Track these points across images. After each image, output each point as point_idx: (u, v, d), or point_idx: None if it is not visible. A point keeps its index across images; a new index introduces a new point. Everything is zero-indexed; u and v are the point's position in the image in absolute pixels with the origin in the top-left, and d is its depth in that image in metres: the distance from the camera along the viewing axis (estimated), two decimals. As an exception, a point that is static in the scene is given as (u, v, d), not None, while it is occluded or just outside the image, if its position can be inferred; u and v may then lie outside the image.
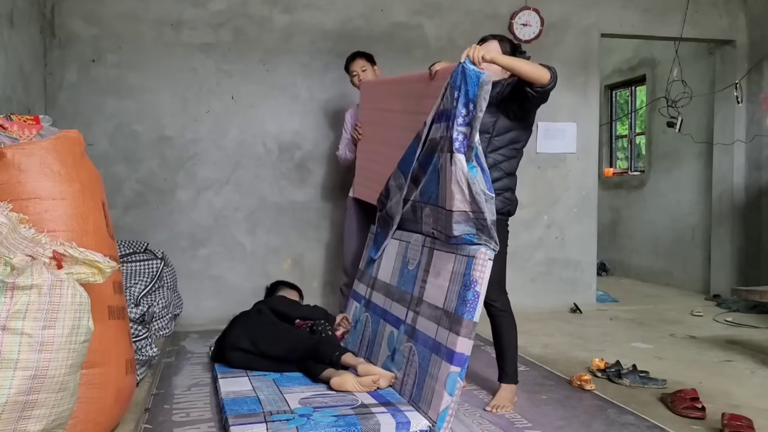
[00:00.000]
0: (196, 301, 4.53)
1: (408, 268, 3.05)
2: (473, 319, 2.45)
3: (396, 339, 2.97)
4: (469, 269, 2.51)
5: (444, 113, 2.73)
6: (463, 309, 2.47)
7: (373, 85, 3.89)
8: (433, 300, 2.71)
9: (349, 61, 4.10)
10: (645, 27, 5.38)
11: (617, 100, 7.73)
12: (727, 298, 5.40)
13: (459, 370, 2.43)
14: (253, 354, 3.15)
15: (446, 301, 2.61)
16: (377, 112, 3.67)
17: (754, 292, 3.84)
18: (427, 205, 2.90)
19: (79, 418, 2.01)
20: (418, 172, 2.99)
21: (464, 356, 2.44)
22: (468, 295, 2.47)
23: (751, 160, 5.63)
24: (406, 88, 3.29)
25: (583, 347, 3.97)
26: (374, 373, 2.82)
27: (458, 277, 2.58)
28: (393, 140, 3.29)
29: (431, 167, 2.85)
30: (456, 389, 2.42)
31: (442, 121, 2.73)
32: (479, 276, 2.48)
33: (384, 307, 3.22)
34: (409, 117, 3.13)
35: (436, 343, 2.59)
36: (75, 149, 2.29)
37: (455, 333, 2.47)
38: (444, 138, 2.70)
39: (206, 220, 4.64)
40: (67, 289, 1.81)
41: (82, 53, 4.42)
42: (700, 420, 2.68)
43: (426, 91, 2.93)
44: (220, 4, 4.60)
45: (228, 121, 4.65)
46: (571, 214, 5.25)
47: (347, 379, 2.80)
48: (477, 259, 2.50)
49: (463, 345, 2.44)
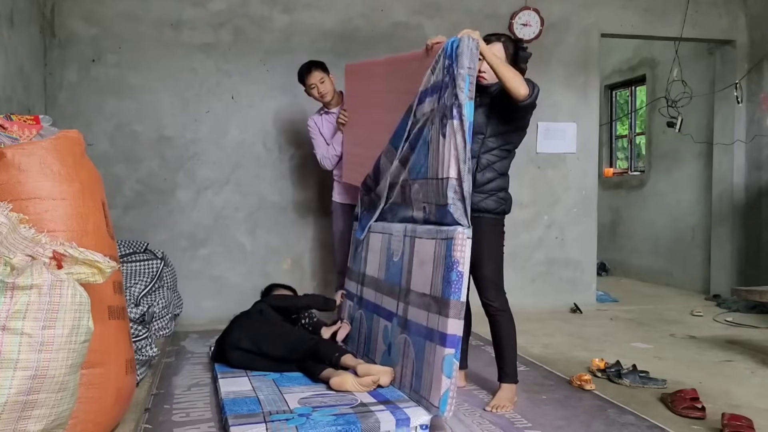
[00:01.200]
0: (196, 301, 4.53)
1: (393, 260, 3.06)
2: (460, 299, 2.49)
3: (390, 332, 2.98)
4: (450, 250, 2.54)
5: (435, 86, 2.76)
6: (449, 290, 2.49)
7: (359, 67, 3.80)
8: (420, 288, 2.73)
9: (305, 74, 3.92)
10: (645, 27, 5.38)
11: (617, 100, 7.73)
12: (727, 298, 5.40)
13: (453, 351, 2.46)
14: (253, 354, 3.16)
15: (432, 286, 2.63)
16: (364, 95, 3.61)
17: (754, 292, 3.84)
18: (416, 182, 2.90)
19: (79, 418, 2.01)
20: (407, 153, 2.99)
21: (456, 337, 2.48)
22: (452, 276, 2.50)
23: (751, 160, 5.62)
24: (394, 68, 3.26)
25: (583, 347, 3.97)
26: (374, 373, 2.82)
27: (440, 261, 2.60)
28: (381, 122, 3.28)
29: (420, 142, 2.87)
30: (453, 371, 2.45)
31: (434, 94, 2.76)
32: (460, 256, 2.51)
33: (375, 302, 3.23)
34: (398, 97, 3.12)
35: (428, 330, 2.61)
36: (75, 149, 2.29)
37: (444, 316, 2.50)
38: (435, 110, 2.73)
39: (206, 220, 4.64)
40: (67, 289, 1.81)
41: (82, 53, 4.42)
42: (700, 420, 2.68)
43: (418, 70, 2.92)
44: (220, 4, 4.60)
45: (228, 121, 4.65)
46: (571, 214, 5.25)
47: (347, 380, 2.80)
48: (455, 240, 2.53)
49: (454, 326, 2.47)
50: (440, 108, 2.69)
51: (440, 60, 2.72)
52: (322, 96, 3.94)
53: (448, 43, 2.67)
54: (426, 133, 2.82)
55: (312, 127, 4.09)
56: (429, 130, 2.79)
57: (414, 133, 2.94)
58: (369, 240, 3.44)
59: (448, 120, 2.61)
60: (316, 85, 3.91)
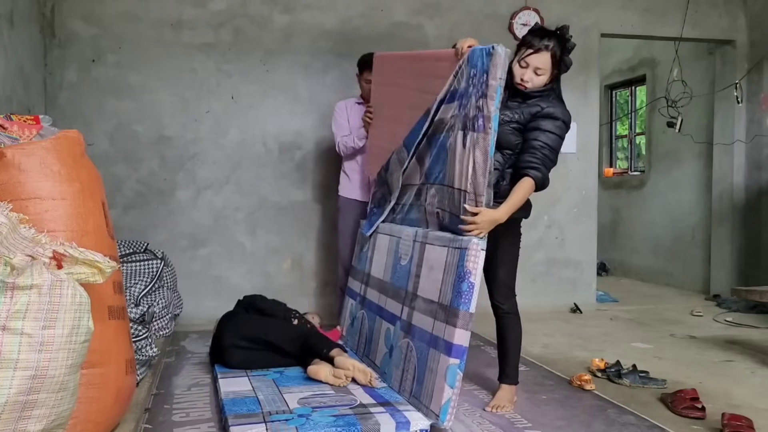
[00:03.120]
0: (196, 301, 4.53)
1: (401, 263, 3.04)
2: (469, 310, 2.45)
3: (393, 335, 2.97)
4: (463, 260, 2.50)
5: (456, 93, 2.71)
6: (459, 301, 2.46)
7: (387, 59, 3.70)
8: (428, 294, 2.71)
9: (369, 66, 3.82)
10: (645, 27, 5.38)
11: (617, 100, 7.73)
12: (727, 298, 5.40)
13: (458, 361, 2.44)
14: (254, 350, 3.17)
15: (441, 294, 2.60)
16: (388, 87, 3.55)
17: (754, 292, 3.84)
18: (433, 186, 2.87)
19: (79, 418, 2.01)
20: (424, 151, 2.96)
21: (462, 347, 2.44)
22: (463, 286, 2.47)
23: (751, 160, 5.62)
24: (422, 65, 3.19)
25: (583, 347, 3.97)
26: (347, 367, 2.86)
27: (452, 269, 2.57)
28: (401, 118, 3.25)
29: (438, 146, 2.84)
30: (456, 381, 2.43)
31: (455, 101, 2.72)
32: (473, 267, 2.48)
33: (379, 303, 3.22)
34: (419, 95, 3.08)
35: (433, 337, 2.58)
36: (75, 149, 2.29)
37: (452, 325, 2.47)
38: (456, 117, 2.68)
39: (206, 220, 4.64)
40: (67, 289, 1.81)
41: (82, 53, 4.42)
42: (700, 420, 2.68)
43: (443, 72, 2.85)
44: (220, 4, 4.60)
45: (228, 121, 4.65)
46: (571, 214, 5.25)
47: (321, 369, 2.88)
48: (469, 251, 2.50)
49: (461, 337, 2.44)
50: (461, 117, 2.64)
51: (464, 67, 2.66)
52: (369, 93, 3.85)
53: (475, 51, 2.60)
54: (445, 140, 2.78)
55: (340, 109, 4.02)
56: (448, 137, 2.75)
57: (431, 137, 2.91)
58: (376, 240, 3.42)
59: (470, 132, 2.55)
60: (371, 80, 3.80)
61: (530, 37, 2.66)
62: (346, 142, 3.94)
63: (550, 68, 2.66)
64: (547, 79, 2.69)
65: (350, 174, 4.03)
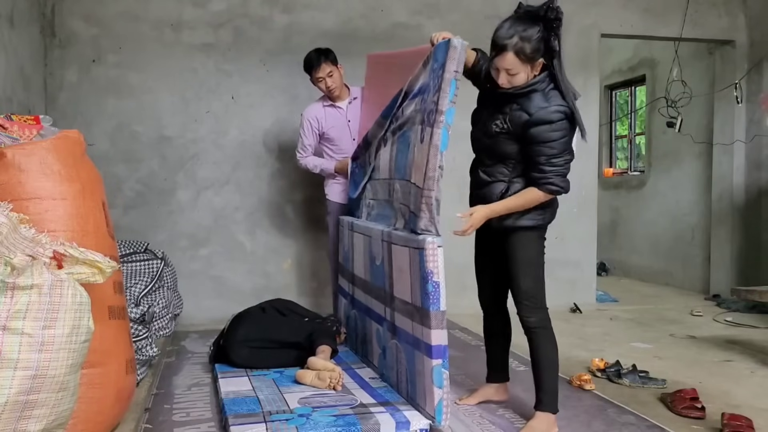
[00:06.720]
0: (196, 301, 4.53)
1: (375, 263, 3.01)
2: (440, 309, 2.40)
3: (382, 336, 2.98)
4: (423, 261, 2.42)
5: (420, 88, 2.70)
6: (428, 301, 2.41)
7: (379, 57, 3.63)
8: (402, 295, 2.67)
9: (313, 66, 3.72)
10: (645, 27, 5.38)
11: (617, 100, 7.73)
12: (727, 298, 5.40)
13: (441, 361, 2.41)
14: (261, 348, 3.19)
15: (412, 295, 2.56)
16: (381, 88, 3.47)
17: (754, 292, 3.84)
18: (398, 181, 2.86)
19: (80, 418, 2.01)
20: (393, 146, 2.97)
21: (442, 347, 2.41)
22: (428, 287, 2.40)
23: (751, 160, 5.62)
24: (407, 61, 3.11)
25: (583, 347, 3.97)
26: (319, 368, 2.91)
27: (416, 271, 2.50)
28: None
29: (402, 141, 2.84)
30: (444, 381, 2.41)
31: (418, 95, 2.71)
32: (433, 266, 2.40)
33: (366, 303, 3.21)
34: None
35: (415, 339, 2.56)
36: (75, 149, 2.29)
37: (427, 327, 2.43)
38: (417, 111, 2.68)
39: (206, 220, 4.64)
40: (67, 289, 1.81)
41: (82, 53, 4.42)
42: (700, 420, 2.68)
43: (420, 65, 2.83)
44: (220, 4, 4.60)
45: (228, 121, 4.65)
46: (571, 214, 5.25)
47: (306, 374, 2.92)
48: (427, 250, 2.41)
49: (438, 336, 2.41)
50: (422, 111, 2.61)
51: (431, 61, 2.61)
52: (330, 90, 3.78)
53: (439, 44, 2.52)
54: (407, 134, 2.77)
55: (311, 122, 3.85)
56: (410, 131, 2.74)
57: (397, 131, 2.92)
58: (353, 240, 3.39)
59: (426, 126, 2.50)
60: (323, 79, 3.74)
61: (494, 36, 2.40)
62: (324, 169, 3.89)
63: (522, 64, 2.39)
64: (528, 75, 2.43)
65: (338, 177, 3.96)
